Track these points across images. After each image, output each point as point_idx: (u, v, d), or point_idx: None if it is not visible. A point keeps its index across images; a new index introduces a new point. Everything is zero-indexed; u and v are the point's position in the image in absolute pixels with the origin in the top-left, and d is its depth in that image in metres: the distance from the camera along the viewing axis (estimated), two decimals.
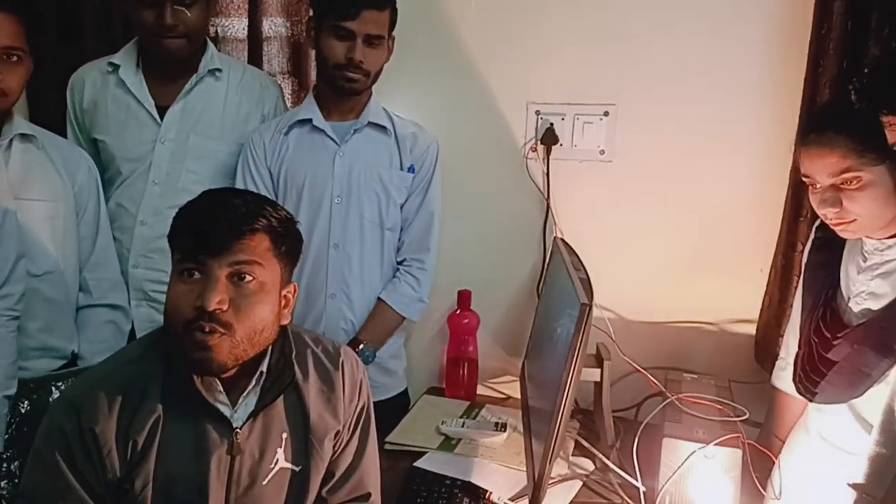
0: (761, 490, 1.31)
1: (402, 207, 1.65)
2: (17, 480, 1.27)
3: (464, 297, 1.80)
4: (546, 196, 1.76)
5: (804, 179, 1.21)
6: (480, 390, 1.85)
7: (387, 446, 1.52)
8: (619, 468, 1.38)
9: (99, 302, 1.53)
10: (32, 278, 1.38)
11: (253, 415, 1.00)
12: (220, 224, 0.94)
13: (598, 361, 1.48)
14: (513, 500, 1.32)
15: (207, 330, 0.91)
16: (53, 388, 1.30)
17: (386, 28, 1.53)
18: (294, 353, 1.07)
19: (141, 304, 1.63)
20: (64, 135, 1.64)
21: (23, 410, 1.34)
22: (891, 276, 1.17)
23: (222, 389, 0.98)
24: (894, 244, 1.16)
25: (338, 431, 1.09)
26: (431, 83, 1.82)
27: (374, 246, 1.63)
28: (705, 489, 1.14)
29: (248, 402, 1.00)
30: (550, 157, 1.74)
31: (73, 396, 0.96)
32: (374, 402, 1.63)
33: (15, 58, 1.33)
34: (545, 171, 1.75)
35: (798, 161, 1.22)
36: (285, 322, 1.04)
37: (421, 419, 1.65)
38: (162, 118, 1.61)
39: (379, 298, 1.65)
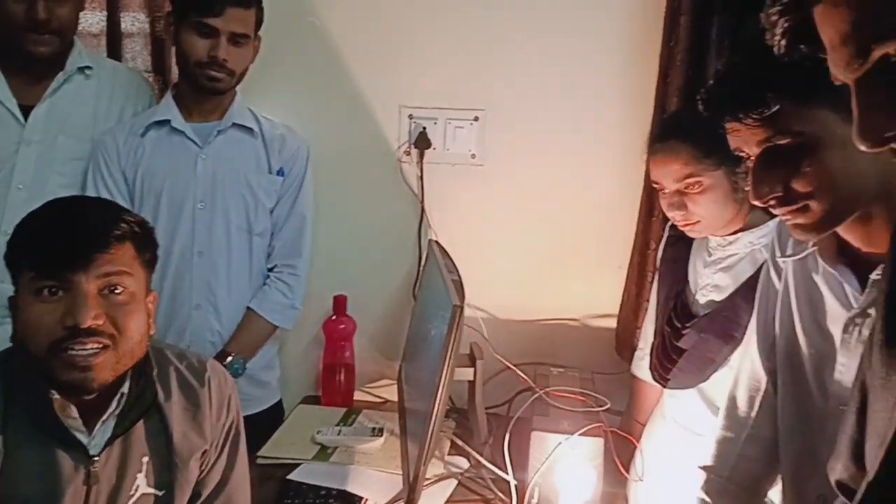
0: (624, 474, 1.39)
1: (271, 212, 1.60)
2: None
3: (339, 303, 1.77)
4: (420, 199, 1.78)
5: (654, 185, 1.30)
6: (358, 396, 1.83)
7: (259, 461, 1.46)
8: (492, 464, 1.41)
9: None
10: None
11: (111, 439, 0.94)
12: (81, 236, 0.88)
13: (472, 361, 1.51)
14: None
15: (90, 346, 0.86)
16: None
17: (252, 27, 1.48)
18: (156, 372, 1.01)
19: (4, 322, 1.47)
20: None
21: None
22: (732, 269, 1.28)
23: (77, 415, 0.91)
24: (735, 240, 1.27)
25: (205, 450, 1.04)
26: (301, 85, 1.79)
27: (241, 252, 1.57)
28: (570, 478, 1.19)
29: (107, 426, 0.94)
30: (424, 160, 1.76)
31: None
32: (246, 416, 1.57)
33: None
34: (419, 174, 1.77)
35: (648, 167, 1.31)
36: (152, 332, 0.99)
37: (295, 430, 1.61)
38: (26, 119, 1.48)
39: (248, 307, 1.59)
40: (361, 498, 1.32)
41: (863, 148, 0.51)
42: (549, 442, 1.28)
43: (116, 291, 0.90)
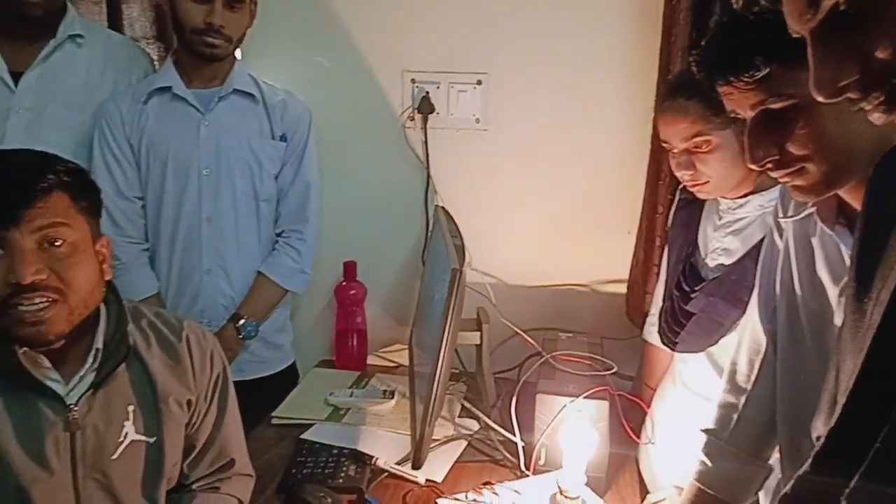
0: (632, 437, 1.39)
1: (276, 178, 1.61)
2: None
3: (349, 269, 1.79)
4: (426, 165, 1.77)
5: (663, 144, 1.28)
6: (371, 360, 1.86)
7: (273, 421, 1.50)
8: (500, 426, 1.43)
9: None
10: None
11: (93, 388, 0.96)
12: (9, 192, 0.87)
13: (478, 325, 1.52)
14: (399, 464, 1.33)
15: (37, 301, 0.86)
16: None
17: None
18: (130, 325, 1.02)
19: None
20: None
21: None
22: (741, 233, 1.26)
23: (50, 364, 0.93)
24: (745, 203, 1.25)
25: (190, 400, 1.07)
26: (301, 49, 1.78)
27: (249, 218, 1.59)
28: (575, 440, 1.20)
29: (85, 377, 0.96)
30: (428, 125, 1.74)
31: None
32: (260, 378, 1.64)
33: None
34: (423, 139, 1.75)
35: (657, 127, 1.28)
36: (108, 277, 1.00)
37: (309, 392, 1.64)
38: (17, 85, 1.48)
39: (259, 271, 1.61)
40: (372, 457, 1.34)
41: (820, 99, 0.51)
42: (555, 404, 1.29)
43: (56, 244, 0.89)
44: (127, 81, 1.58)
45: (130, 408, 1.00)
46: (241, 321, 1.56)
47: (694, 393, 1.33)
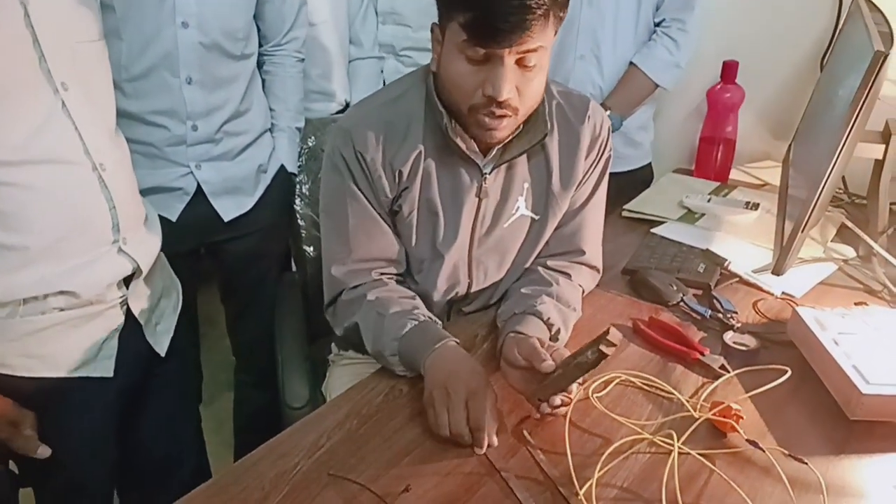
0: None
1: None
2: (307, 200, 1.52)
3: (729, 69, 1.62)
4: None
5: None
6: (734, 174, 1.72)
7: (624, 213, 1.52)
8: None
9: (367, 55, 1.68)
10: (311, 27, 1.55)
11: (500, 164, 1.05)
12: (511, 13, 0.88)
13: (884, 138, 1.28)
14: (755, 272, 1.26)
15: (498, 116, 0.94)
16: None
17: None
18: (547, 110, 1.05)
19: (388, 58, 1.74)
20: None
21: (310, 144, 1.58)
22: None
23: (475, 145, 1.03)
24: None
25: (577, 185, 1.11)
26: None
27: (630, 3, 1.52)
28: None
29: (497, 151, 1.05)
30: None
31: (346, 126, 1.06)
32: (615, 173, 1.63)
33: None
34: None
35: None
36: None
37: (663, 192, 1.61)
38: None
39: (631, 62, 1.56)
40: (725, 259, 1.29)
41: None
42: None
43: (529, 65, 0.92)
44: None
45: (525, 185, 1.09)
46: (607, 112, 1.55)
47: None
